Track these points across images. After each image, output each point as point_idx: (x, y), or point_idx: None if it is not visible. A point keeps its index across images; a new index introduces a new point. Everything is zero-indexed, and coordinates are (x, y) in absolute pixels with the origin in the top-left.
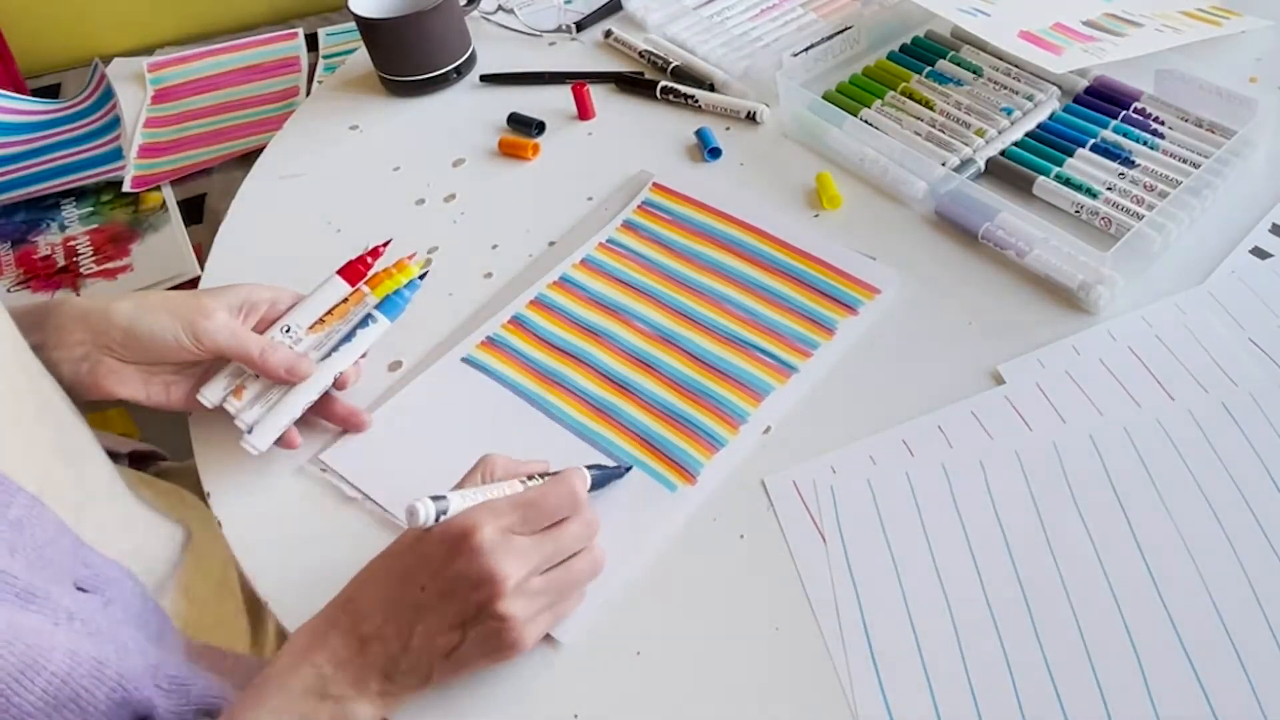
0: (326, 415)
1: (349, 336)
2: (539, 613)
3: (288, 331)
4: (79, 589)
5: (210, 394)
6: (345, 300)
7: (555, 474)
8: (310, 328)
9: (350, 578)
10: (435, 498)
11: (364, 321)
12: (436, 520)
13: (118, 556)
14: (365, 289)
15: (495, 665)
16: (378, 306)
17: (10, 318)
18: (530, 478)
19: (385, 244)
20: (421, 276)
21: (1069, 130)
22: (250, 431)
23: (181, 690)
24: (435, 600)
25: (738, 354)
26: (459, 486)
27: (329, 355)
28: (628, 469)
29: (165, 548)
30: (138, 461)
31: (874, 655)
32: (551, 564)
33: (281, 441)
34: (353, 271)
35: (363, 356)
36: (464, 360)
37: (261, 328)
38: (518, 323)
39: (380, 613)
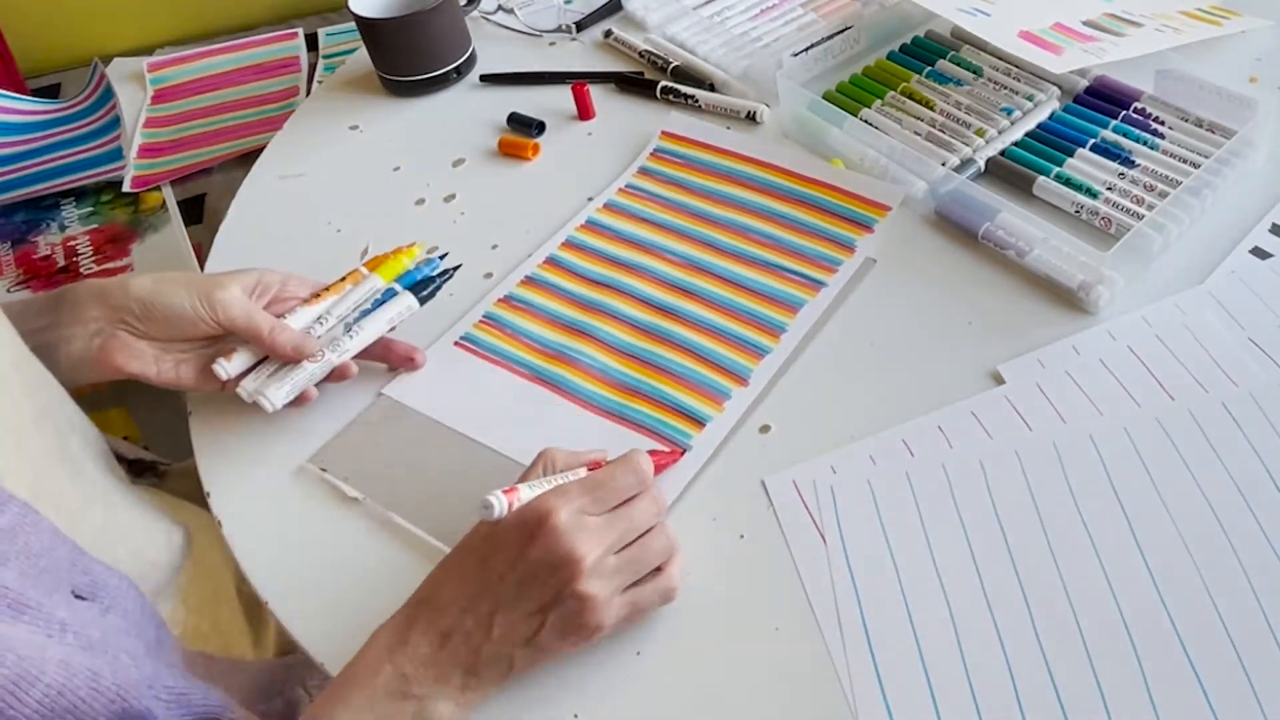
0: (384, 357)
1: (367, 313)
2: (617, 591)
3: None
4: (77, 596)
5: (230, 367)
6: (343, 279)
7: (619, 457)
8: (305, 301)
9: (351, 578)
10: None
11: (385, 298)
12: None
13: (115, 562)
14: (363, 269)
15: (577, 649)
16: (410, 289)
17: (8, 321)
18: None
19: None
20: (443, 273)
21: (1069, 130)
22: (265, 393)
23: (181, 700)
24: (514, 588)
25: (767, 274)
26: (523, 480)
27: (350, 330)
28: (455, 267)
29: (164, 553)
30: (137, 469)
31: (874, 655)
32: (625, 542)
33: (334, 375)
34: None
35: (391, 330)
36: (463, 338)
37: (272, 309)
38: (553, 263)
39: (458, 605)
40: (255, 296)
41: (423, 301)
